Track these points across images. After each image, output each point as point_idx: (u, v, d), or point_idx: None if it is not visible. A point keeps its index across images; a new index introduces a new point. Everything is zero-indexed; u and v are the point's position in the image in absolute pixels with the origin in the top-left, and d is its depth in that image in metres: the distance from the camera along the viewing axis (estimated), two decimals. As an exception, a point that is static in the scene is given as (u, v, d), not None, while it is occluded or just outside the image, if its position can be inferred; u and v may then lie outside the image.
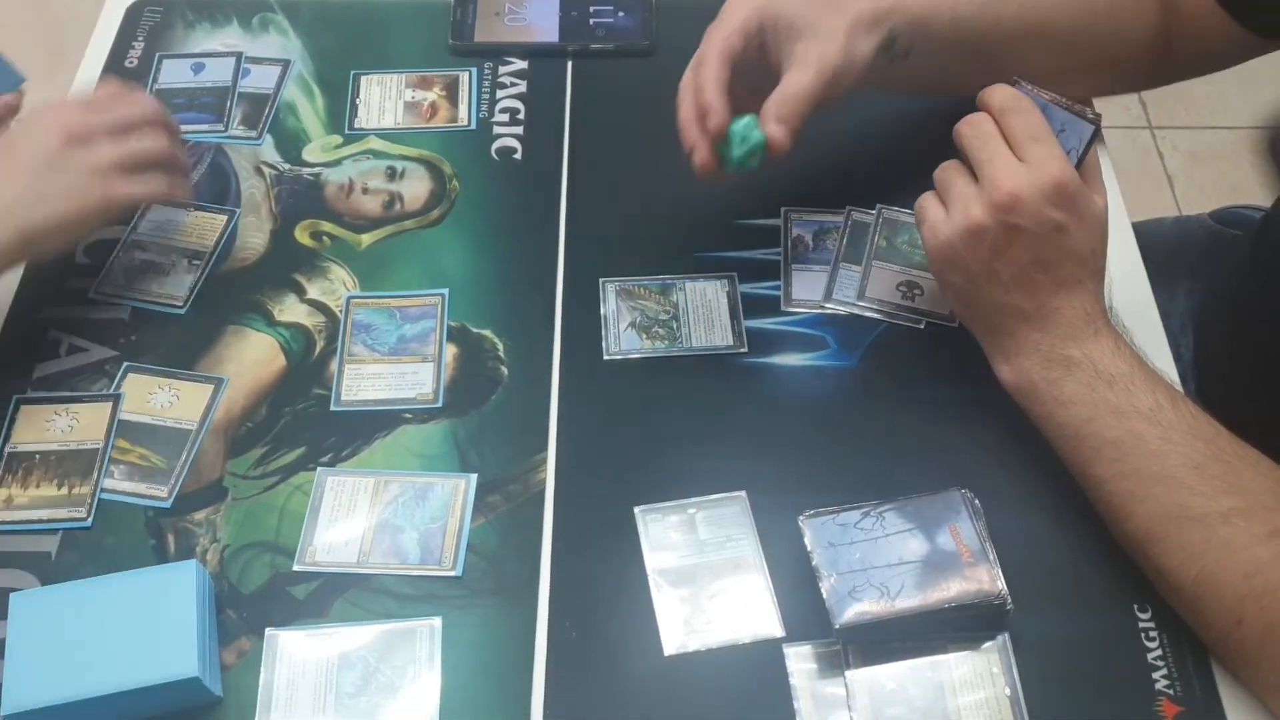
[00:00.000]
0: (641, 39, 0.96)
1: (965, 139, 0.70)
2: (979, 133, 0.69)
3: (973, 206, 0.68)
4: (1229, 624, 0.62)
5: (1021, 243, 0.67)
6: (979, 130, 0.69)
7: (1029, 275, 0.68)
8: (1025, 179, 0.67)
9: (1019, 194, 0.66)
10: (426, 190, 0.88)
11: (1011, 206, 0.66)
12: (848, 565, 0.65)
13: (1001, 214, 0.67)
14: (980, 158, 0.68)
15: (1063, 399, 0.68)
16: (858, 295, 0.81)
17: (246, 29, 0.97)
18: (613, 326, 0.80)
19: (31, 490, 0.73)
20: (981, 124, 0.69)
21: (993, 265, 0.68)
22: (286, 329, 0.80)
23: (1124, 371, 0.67)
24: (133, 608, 0.64)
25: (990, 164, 0.68)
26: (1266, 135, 1.94)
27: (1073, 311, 0.68)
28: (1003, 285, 0.69)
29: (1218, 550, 0.62)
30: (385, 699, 0.65)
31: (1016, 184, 0.66)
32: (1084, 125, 0.70)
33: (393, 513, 0.72)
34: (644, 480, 0.73)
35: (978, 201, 0.67)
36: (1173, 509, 0.64)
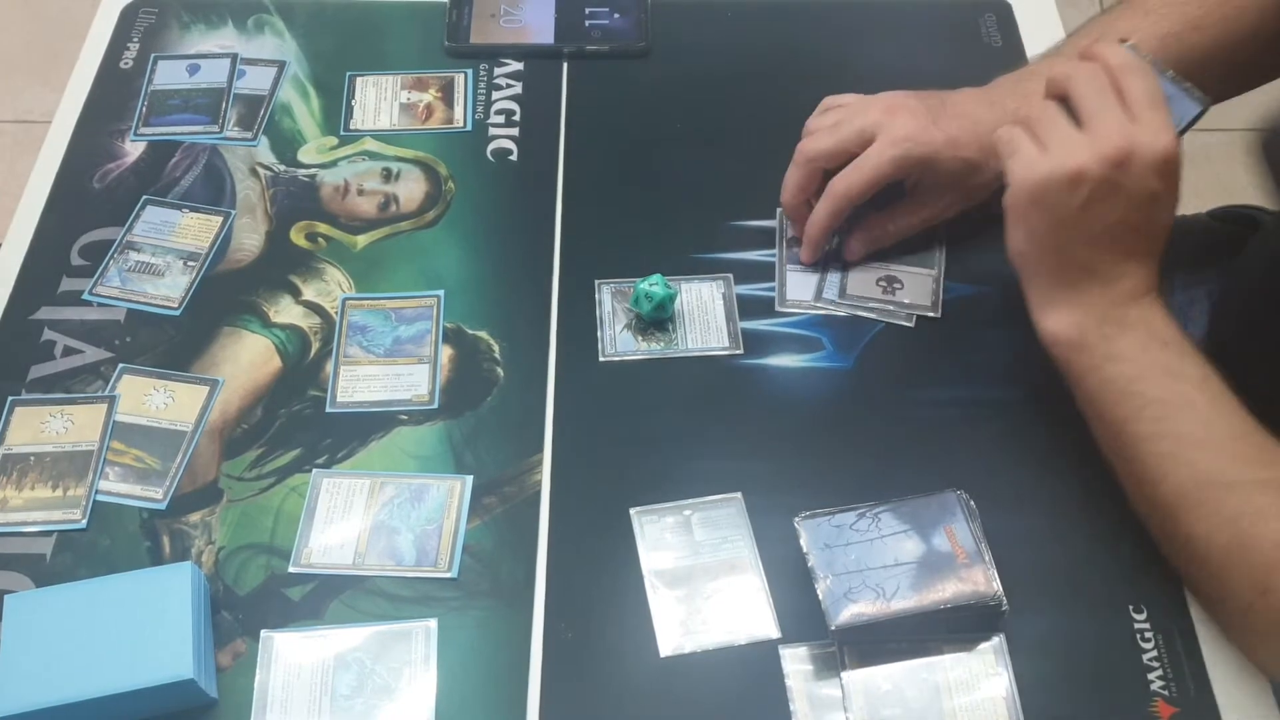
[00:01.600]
0: (637, 40, 0.96)
1: (1078, 84, 0.68)
2: (1096, 84, 0.67)
3: (1079, 151, 0.66)
4: (1254, 594, 0.62)
5: (1116, 201, 0.66)
6: (1096, 81, 0.67)
7: (1113, 235, 0.67)
8: (1140, 140, 0.65)
9: (1132, 153, 0.65)
10: (422, 192, 0.88)
11: (1121, 162, 0.65)
12: (843, 566, 0.65)
13: (1109, 168, 0.65)
14: (1092, 107, 0.67)
15: (1114, 354, 0.67)
16: (839, 294, 0.81)
17: (242, 30, 0.97)
18: (608, 328, 0.80)
19: (26, 492, 0.73)
20: (1098, 75, 0.67)
21: (1081, 215, 0.67)
22: (282, 330, 0.80)
23: (1176, 338, 0.68)
24: (128, 610, 0.64)
25: (1103, 115, 0.66)
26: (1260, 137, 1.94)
27: (1137, 279, 0.68)
28: (1084, 238, 0.67)
29: (1251, 518, 0.62)
30: (381, 701, 0.65)
31: (1131, 142, 0.65)
32: (1190, 104, 0.70)
33: (388, 514, 0.72)
34: (640, 481, 0.73)
35: (1086, 148, 0.66)
36: (1212, 474, 0.64)
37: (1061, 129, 0.67)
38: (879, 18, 0.98)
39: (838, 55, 0.96)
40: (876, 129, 0.77)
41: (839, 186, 0.78)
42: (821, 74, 0.94)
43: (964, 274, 0.82)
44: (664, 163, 0.89)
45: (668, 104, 0.93)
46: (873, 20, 0.98)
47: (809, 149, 0.79)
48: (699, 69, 0.95)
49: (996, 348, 0.79)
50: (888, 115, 0.77)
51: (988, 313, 0.81)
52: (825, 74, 0.94)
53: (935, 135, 0.77)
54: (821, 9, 0.99)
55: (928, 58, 0.95)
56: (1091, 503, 0.72)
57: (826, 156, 0.78)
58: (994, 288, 0.82)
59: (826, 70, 0.94)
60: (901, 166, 0.77)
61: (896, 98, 0.79)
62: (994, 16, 0.98)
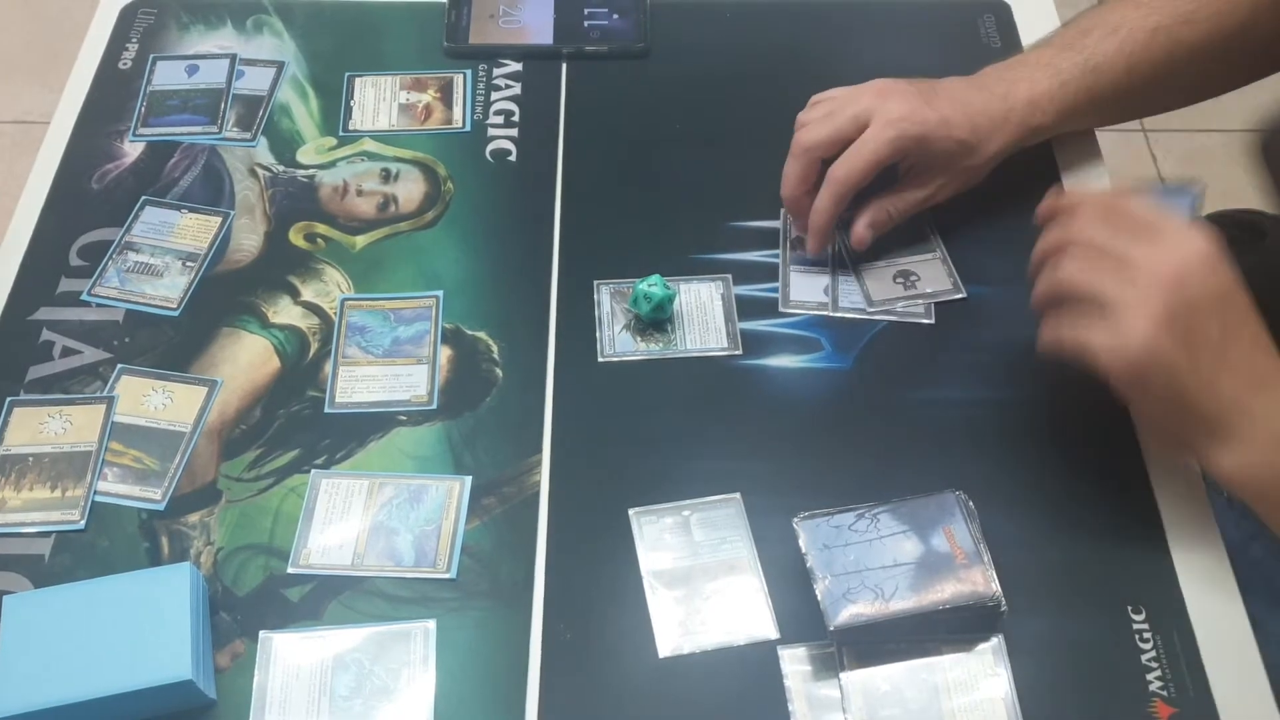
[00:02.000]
0: (636, 41, 0.96)
1: (1085, 238, 0.65)
2: (1101, 232, 0.64)
3: (1146, 299, 0.62)
4: None
5: (1205, 315, 0.62)
6: (1098, 230, 0.64)
7: (1228, 347, 0.63)
8: (1180, 252, 0.63)
9: (1186, 264, 0.62)
10: (421, 192, 0.88)
11: (1184, 279, 0.62)
12: (842, 567, 0.65)
13: (1178, 290, 0.62)
14: (1119, 250, 0.63)
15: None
16: (866, 303, 0.81)
17: (241, 31, 0.97)
18: (607, 328, 0.80)
19: (25, 493, 0.73)
20: (1093, 225, 0.65)
21: (1190, 353, 0.62)
22: (281, 331, 0.80)
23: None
24: (126, 610, 0.64)
25: (1135, 251, 0.63)
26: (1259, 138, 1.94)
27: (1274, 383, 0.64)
28: (1208, 369, 0.62)
29: None
30: (380, 702, 0.65)
31: (1177, 257, 0.62)
32: (1183, 197, 0.69)
33: (387, 515, 0.72)
34: (639, 482, 0.73)
35: (1146, 292, 0.62)
36: None
37: (1111, 290, 0.63)
38: (878, 18, 0.98)
39: (837, 55, 0.96)
40: (870, 113, 0.77)
41: (839, 172, 0.78)
42: (821, 74, 0.94)
43: (963, 275, 0.82)
44: (663, 163, 0.89)
45: (667, 104, 0.93)
46: (872, 20, 0.98)
47: (805, 139, 0.79)
48: (698, 69, 0.95)
49: (995, 349, 0.79)
50: (880, 99, 0.78)
51: (986, 313, 0.81)
52: (824, 74, 0.94)
53: (929, 115, 0.77)
54: (821, 9, 0.99)
55: (927, 58, 0.95)
56: (1090, 503, 0.72)
57: (823, 145, 0.78)
58: (991, 289, 0.82)
59: (826, 70, 0.94)
60: (898, 146, 0.77)
61: (887, 82, 0.80)
62: (993, 17, 0.98)
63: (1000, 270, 0.82)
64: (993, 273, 0.82)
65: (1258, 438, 0.63)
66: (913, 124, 0.77)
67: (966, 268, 0.82)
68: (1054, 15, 0.98)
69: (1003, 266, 0.82)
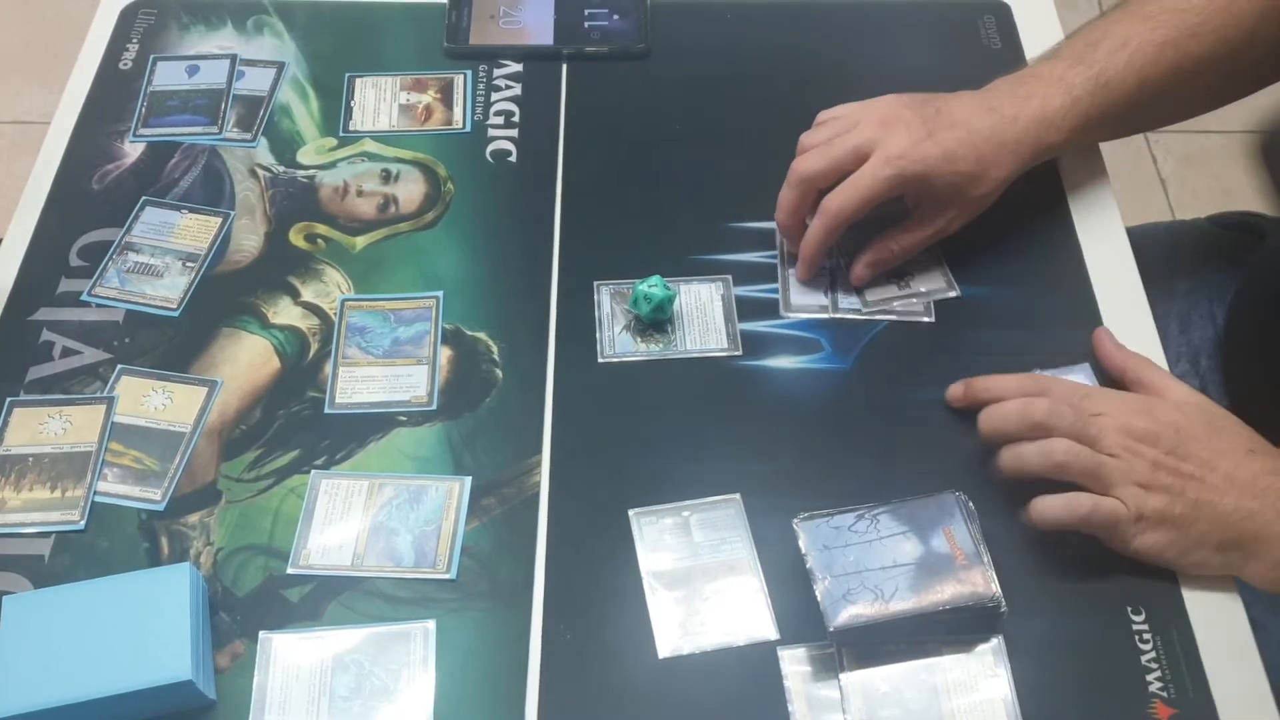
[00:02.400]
0: (636, 42, 0.96)
1: (1048, 431, 0.68)
2: (1055, 419, 0.68)
3: (1133, 466, 0.67)
4: None
5: (1187, 449, 0.67)
6: (1050, 420, 0.68)
7: (1213, 469, 0.67)
8: (1135, 407, 0.69)
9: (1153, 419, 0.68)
10: (421, 193, 0.88)
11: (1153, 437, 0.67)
12: (842, 568, 0.65)
13: (1150, 445, 0.67)
14: (1080, 430, 0.68)
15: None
16: (863, 304, 0.81)
17: (241, 31, 0.97)
18: (607, 329, 0.80)
19: (25, 493, 0.73)
20: (1053, 417, 0.68)
21: (1188, 496, 0.66)
22: (281, 331, 0.80)
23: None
24: (126, 611, 0.64)
25: (1099, 425, 0.68)
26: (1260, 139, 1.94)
27: (1268, 477, 0.67)
28: (1211, 502, 0.66)
29: None
30: (379, 702, 0.65)
31: (1140, 414, 0.68)
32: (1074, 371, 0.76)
33: (387, 515, 0.72)
34: (638, 483, 0.73)
35: (1134, 461, 0.67)
36: None
37: (1102, 469, 0.67)
38: (878, 19, 0.98)
39: (837, 57, 0.96)
40: (871, 146, 0.76)
41: (832, 205, 0.77)
42: (821, 75, 0.94)
43: (961, 276, 0.82)
44: (663, 164, 0.89)
45: (667, 105, 0.93)
46: (872, 22, 0.98)
47: (802, 169, 0.78)
48: (698, 70, 0.95)
49: (995, 349, 0.79)
50: (882, 130, 0.77)
51: (985, 314, 0.81)
52: (824, 75, 0.94)
53: (930, 151, 0.76)
54: (821, 10, 0.99)
55: (927, 59, 0.95)
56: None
57: (820, 177, 0.78)
58: (990, 289, 0.82)
59: (826, 71, 0.95)
60: (894, 185, 0.76)
61: (890, 108, 0.78)
62: (993, 18, 0.98)
63: (999, 271, 0.82)
64: (992, 274, 0.82)
65: (1274, 541, 0.66)
66: (912, 162, 0.75)
67: (964, 269, 0.82)
68: (1054, 16, 0.98)
69: (1001, 267, 0.82)
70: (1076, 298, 0.81)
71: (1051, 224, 0.84)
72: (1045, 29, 0.97)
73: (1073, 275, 0.82)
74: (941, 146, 0.76)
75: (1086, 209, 0.86)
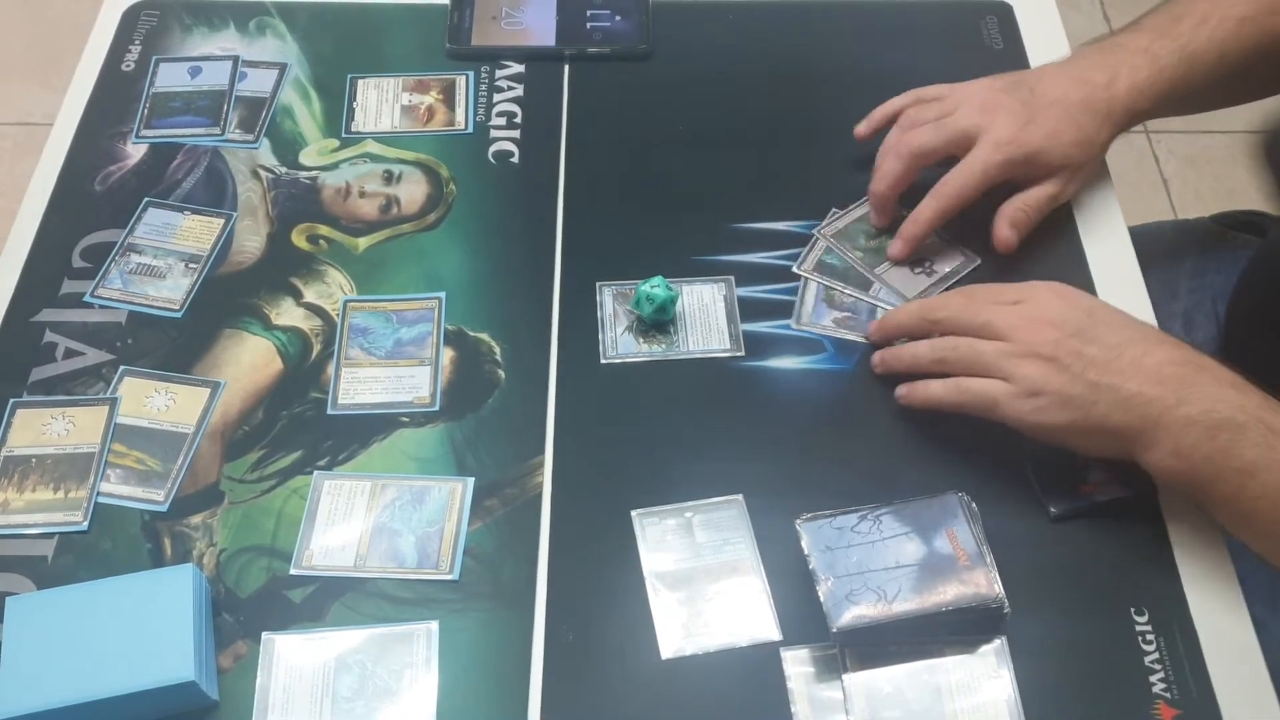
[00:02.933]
0: (638, 42, 0.96)
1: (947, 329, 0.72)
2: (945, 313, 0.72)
3: (1030, 343, 0.68)
4: None
5: (1081, 339, 0.68)
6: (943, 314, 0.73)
7: (1115, 356, 0.67)
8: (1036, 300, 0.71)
9: (1042, 306, 0.70)
10: (423, 194, 0.88)
11: (1048, 319, 0.69)
12: (845, 569, 0.65)
13: (1046, 331, 0.68)
14: (978, 322, 0.71)
15: (1245, 467, 0.63)
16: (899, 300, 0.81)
17: (243, 32, 0.97)
18: (609, 330, 0.80)
19: (28, 494, 0.73)
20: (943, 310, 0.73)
21: (1084, 376, 0.67)
22: (283, 332, 0.80)
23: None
24: (129, 612, 0.64)
25: (994, 313, 0.70)
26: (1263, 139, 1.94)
27: (1173, 366, 0.66)
28: (1106, 384, 0.66)
29: None
30: (382, 703, 0.65)
31: (1033, 308, 0.70)
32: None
33: (389, 516, 0.72)
34: (641, 484, 0.73)
35: (1023, 346, 0.69)
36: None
37: (989, 353, 0.70)
38: (880, 20, 0.98)
39: (839, 57, 0.96)
40: (978, 131, 0.79)
41: (950, 187, 0.79)
42: (823, 76, 0.94)
43: (963, 276, 0.82)
44: (665, 165, 0.89)
45: (669, 106, 0.93)
46: (874, 22, 0.98)
47: (915, 144, 0.80)
48: (701, 71, 0.95)
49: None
50: (986, 116, 0.79)
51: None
52: (827, 76, 0.94)
53: (1034, 134, 0.79)
54: (823, 11, 0.99)
55: (929, 59, 0.95)
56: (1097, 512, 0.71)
57: (932, 154, 0.80)
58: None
59: (828, 72, 0.95)
60: (1005, 170, 0.79)
61: (988, 94, 0.81)
62: (995, 19, 0.98)
63: (1001, 272, 0.82)
64: (994, 275, 0.82)
65: (1172, 427, 0.65)
66: (1019, 146, 0.78)
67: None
68: (1056, 17, 0.98)
69: (1004, 268, 0.82)
70: (1079, 298, 0.81)
71: (1054, 224, 0.84)
72: (1047, 29, 0.97)
73: (1075, 275, 0.82)
74: (1044, 128, 0.79)
75: (1089, 209, 0.86)
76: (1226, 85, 0.83)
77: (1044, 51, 0.95)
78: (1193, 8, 0.82)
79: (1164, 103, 0.81)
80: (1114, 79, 0.80)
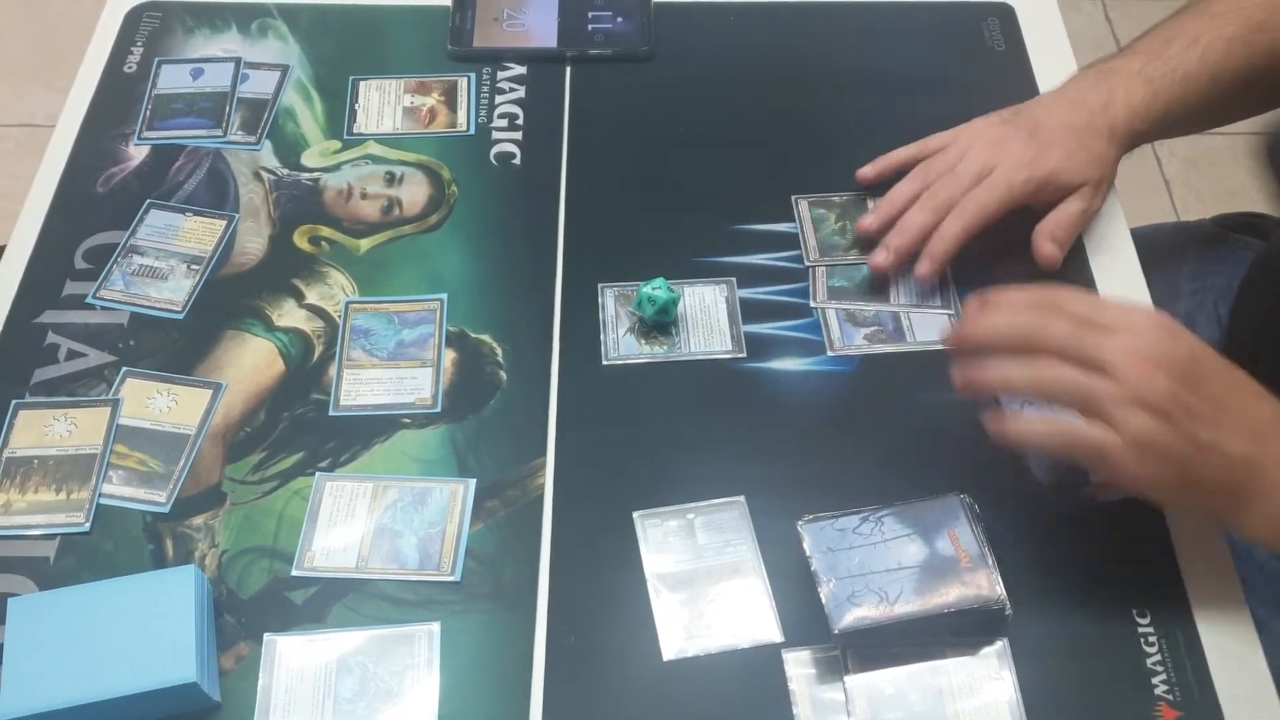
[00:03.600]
0: (640, 44, 0.96)
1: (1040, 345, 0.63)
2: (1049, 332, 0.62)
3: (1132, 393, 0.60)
4: None
5: (1190, 387, 0.61)
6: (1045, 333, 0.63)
7: (1221, 409, 0.61)
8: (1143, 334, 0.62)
9: (1153, 344, 0.61)
10: (425, 195, 0.88)
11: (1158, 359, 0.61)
12: (847, 570, 0.65)
13: (1156, 373, 0.60)
14: (1077, 347, 0.62)
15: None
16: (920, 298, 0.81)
17: (245, 34, 0.97)
18: (611, 331, 0.80)
19: (30, 495, 0.73)
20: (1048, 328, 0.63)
21: (1191, 430, 0.61)
22: (285, 334, 0.80)
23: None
24: (131, 613, 0.64)
25: (1103, 343, 0.61)
26: (1264, 141, 1.94)
27: (1275, 424, 0.62)
28: (1210, 437, 0.61)
29: None
30: (383, 704, 0.65)
31: (1141, 340, 0.61)
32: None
33: (391, 518, 0.72)
34: (642, 485, 0.73)
35: (1129, 386, 0.60)
36: None
37: (1082, 385, 0.61)
38: (882, 21, 0.98)
39: (841, 59, 0.96)
40: (994, 163, 0.79)
41: (975, 203, 0.78)
42: (824, 77, 0.94)
43: (965, 278, 0.82)
44: (667, 166, 0.89)
45: (671, 107, 0.93)
46: (875, 23, 0.98)
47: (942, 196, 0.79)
48: (702, 72, 0.95)
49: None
50: (997, 151, 0.80)
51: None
52: (828, 77, 0.94)
53: (1050, 156, 0.79)
54: (825, 12, 0.99)
55: (931, 61, 0.95)
56: (1095, 506, 0.71)
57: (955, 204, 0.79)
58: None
59: (829, 73, 0.95)
60: (1028, 189, 0.79)
61: (992, 130, 0.81)
62: (997, 20, 0.98)
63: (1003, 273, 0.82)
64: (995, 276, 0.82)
65: (1271, 491, 0.62)
66: (1039, 166, 0.79)
67: (968, 271, 0.82)
68: (1058, 18, 0.98)
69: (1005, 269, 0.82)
70: (1081, 300, 0.81)
71: (1056, 226, 0.84)
72: (1049, 31, 0.97)
73: (1077, 277, 0.82)
74: (1057, 150, 0.79)
75: (1091, 211, 0.86)
76: (1221, 105, 0.83)
77: (1046, 52, 0.95)
78: (1183, 30, 0.82)
79: (1161, 124, 0.81)
80: (1109, 103, 0.80)
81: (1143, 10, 0.85)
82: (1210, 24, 0.82)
